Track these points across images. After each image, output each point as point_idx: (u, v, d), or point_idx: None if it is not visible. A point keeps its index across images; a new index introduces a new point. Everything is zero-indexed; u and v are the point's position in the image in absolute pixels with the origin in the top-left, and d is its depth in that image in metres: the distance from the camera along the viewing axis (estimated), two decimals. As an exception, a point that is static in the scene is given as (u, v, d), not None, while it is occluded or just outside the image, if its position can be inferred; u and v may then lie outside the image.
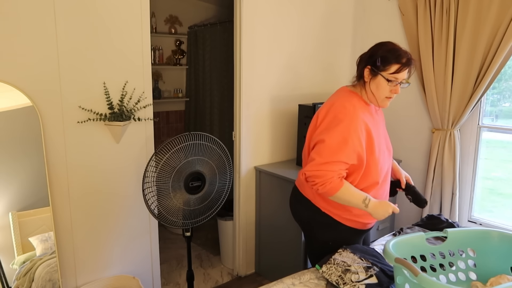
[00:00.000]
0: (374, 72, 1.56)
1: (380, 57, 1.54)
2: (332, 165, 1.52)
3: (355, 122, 1.55)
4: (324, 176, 1.51)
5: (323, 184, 1.52)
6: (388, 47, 1.55)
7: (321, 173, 1.51)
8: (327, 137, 1.54)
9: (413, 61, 1.57)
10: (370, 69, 1.57)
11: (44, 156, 1.96)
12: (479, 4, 2.49)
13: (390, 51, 1.54)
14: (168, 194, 2.01)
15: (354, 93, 1.65)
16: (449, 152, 2.74)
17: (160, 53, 4.08)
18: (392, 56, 1.53)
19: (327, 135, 1.54)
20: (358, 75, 1.64)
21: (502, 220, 2.70)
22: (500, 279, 1.39)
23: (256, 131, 2.85)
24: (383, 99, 1.61)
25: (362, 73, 1.60)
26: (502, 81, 2.68)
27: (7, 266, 1.92)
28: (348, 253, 1.59)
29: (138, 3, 2.17)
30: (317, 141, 1.58)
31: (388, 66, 1.54)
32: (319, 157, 1.53)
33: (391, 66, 1.53)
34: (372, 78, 1.58)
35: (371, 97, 1.61)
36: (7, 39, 1.80)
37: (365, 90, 1.62)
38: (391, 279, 1.47)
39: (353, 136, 1.53)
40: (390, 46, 1.56)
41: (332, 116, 1.57)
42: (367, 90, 1.61)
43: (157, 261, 2.51)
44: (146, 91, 2.28)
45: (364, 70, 1.59)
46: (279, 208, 2.73)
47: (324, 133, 1.56)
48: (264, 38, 2.77)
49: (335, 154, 1.52)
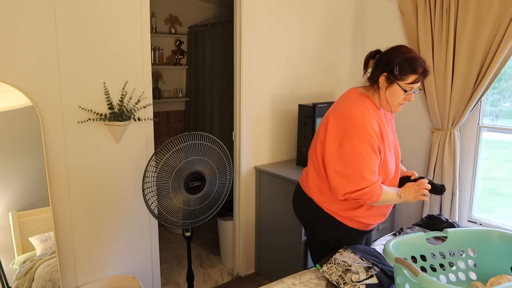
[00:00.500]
0: (390, 80, 1.54)
1: (398, 66, 1.51)
2: (371, 176, 1.51)
3: (372, 122, 1.54)
4: (370, 192, 1.51)
5: (370, 198, 1.52)
6: (405, 56, 1.53)
7: (366, 190, 1.50)
8: (352, 147, 1.50)
9: (429, 70, 1.56)
10: (386, 76, 1.55)
11: (44, 156, 1.96)
12: (479, 4, 2.49)
13: (408, 60, 1.52)
14: (168, 194, 2.01)
15: (366, 96, 1.62)
16: (449, 152, 2.74)
17: (160, 53, 4.08)
18: (409, 66, 1.51)
19: (351, 144, 1.51)
20: (373, 80, 1.60)
21: (502, 220, 2.70)
22: (500, 279, 1.39)
23: (256, 131, 2.85)
24: (397, 105, 1.61)
25: (377, 79, 1.57)
26: (502, 81, 2.68)
27: (7, 266, 1.92)
28: (349, 253, 1.59)
29: (138, 3, 2.17)
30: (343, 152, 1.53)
31: (405, 76, 1.52)
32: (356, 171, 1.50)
33: (408, 76, 1.52)
34: (389, 86, 1.56)
35: (384, 103, 1.61)
36: (7, 39, 1.80)
37: (378, 95, 1.60)
38: (392, 280, 1.47)
39: (374, 136, 1.52)
40: (406, 53, 1.53)
41: (349, 122, 1.54)
42: (381, 96, 1.59)
43: (157, 261, 2.51)
44: (146, 91, 2.28)
45: (380, 77, 1.56)
46: (279, 208, 2.73)
47: (347, 143, 1.52)
48: (264, 38, 2.77)
49: (368, 164, 1.50)
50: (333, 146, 1.55)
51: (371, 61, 1.64)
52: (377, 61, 1.60)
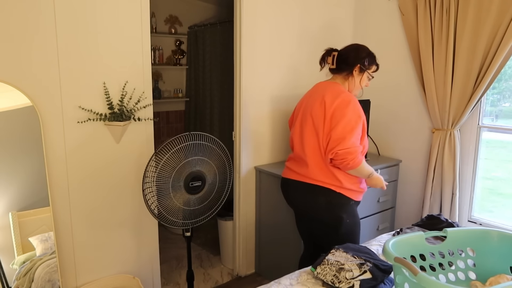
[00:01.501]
0: (362, 70, 2.00)
1: (368, 59, 1.99)
2: (356, 141, 1.86)
3: (357, 101, 1.93)
4: (354, 152, 1.83)
5: (353, 159, 1.83)
6: (368, 51, 2.01)
7: (351, 150, 1.83)
8: (345, 118, 1.85)
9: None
10: (359, 67, 1.99)
11: (44, 156, 1.97)
12: (479, 4, 2.49)
13: (371, 54, 2.01)
14: (168, 194, 2.01)
15: (338, 84, 2.03)
16: (449, 152, 2.74)
17: (160, 53, 4.08)
18: (373, 59, 2.02)
19: (344, 116, 1.85)
20: (346, 71, 2.01)
21: (502, 220, 2.70)
22: (500, 279, 1.39)
23: (256, 131, 2.85)
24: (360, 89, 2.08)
25: (352, 70, 1.99)
26: (502, 81, 2.68)
27: (7, 266, 1.92)
28: (341, 252, 1.62)
29: (138, 3, 2.17)
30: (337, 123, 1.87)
31: (370, 66, 2.02)
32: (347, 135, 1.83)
33: (372, 66, 2.03)
34: (359, 74, 2.02)
35: (352, 88, 2.03)
36: (7, 39, 1.80)
37: (348, 82, 2.02)
38: (385, 273, 1.50)
39: (361, 112, 1.91)
40: (367, 49, 2.01)
41: (340, 100, 1.89)
42: (352, 83, 2.02)
43: (157, 261, 2.51)
44: (146, 91, 2.28)
45: (355, 68, 2.00)
46: (279, 208, 2.73)
47: (340, 115, 1.86)
48: (264, 38, 2.77)
49: (355, 131, 1.85)
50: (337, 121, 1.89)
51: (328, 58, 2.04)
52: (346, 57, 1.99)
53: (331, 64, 2.03)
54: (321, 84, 2.08)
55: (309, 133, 1.99)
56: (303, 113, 2.05)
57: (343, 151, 1.83)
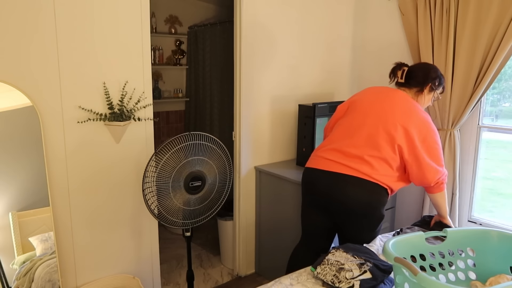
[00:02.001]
0: (431, 89, 2.09)
1: (438, 80, 2.07)
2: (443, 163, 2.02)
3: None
4: (443, 175, 1.98)
5: (443, 180, 1.98)
6: (439, 72, 2.09)
7: (445, 177, 1.99)
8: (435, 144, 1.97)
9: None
10: (430, 86, 2.07)
11: (44, 156, 1.97)
12: (479, 4, 2.49)
13: (442, 76, 2.10)
14: (168, 194, 2.01)
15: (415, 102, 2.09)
16: (449, 152, 2.74)
17: (160, 53, 4.08)
18: (442, 80, 2.10)
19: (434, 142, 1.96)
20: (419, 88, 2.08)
21: (502, 220, 2.70)
22: (500, 279, 1.39)
23: (256, 131, 2.85)
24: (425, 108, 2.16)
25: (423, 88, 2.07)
26: (502, 81, 2.68)
27: (7, 266, 1.92)
28: (341, 252, 1.61)
29: (138, 3, 2.17)
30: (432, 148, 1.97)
31: (440, 87, 2.10)
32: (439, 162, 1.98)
33: (441, 87, 2.11)
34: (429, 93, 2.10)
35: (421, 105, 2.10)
36: (7, 39, 1.80)
37: (417, 99, 2.09)
38: (385, 273, 1.49)
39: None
40: (439, 71, 2.09)
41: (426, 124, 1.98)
42: (422, 100, 2.09)
43: (157, 261, 2.51)
44: (146, 91, 2.28)
45: (427, 86, 2.07)
46: (279, 208, 2.73)
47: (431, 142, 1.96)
48: (264, 38, 2.77)
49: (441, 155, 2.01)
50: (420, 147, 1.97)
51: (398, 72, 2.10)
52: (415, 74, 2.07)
53: (400, 78, 2.10)
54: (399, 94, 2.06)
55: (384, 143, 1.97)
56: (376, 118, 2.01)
57: (442, 178, 2.00)
